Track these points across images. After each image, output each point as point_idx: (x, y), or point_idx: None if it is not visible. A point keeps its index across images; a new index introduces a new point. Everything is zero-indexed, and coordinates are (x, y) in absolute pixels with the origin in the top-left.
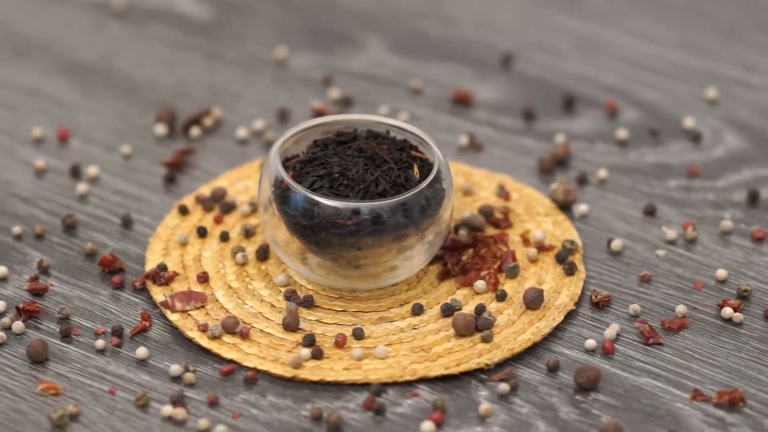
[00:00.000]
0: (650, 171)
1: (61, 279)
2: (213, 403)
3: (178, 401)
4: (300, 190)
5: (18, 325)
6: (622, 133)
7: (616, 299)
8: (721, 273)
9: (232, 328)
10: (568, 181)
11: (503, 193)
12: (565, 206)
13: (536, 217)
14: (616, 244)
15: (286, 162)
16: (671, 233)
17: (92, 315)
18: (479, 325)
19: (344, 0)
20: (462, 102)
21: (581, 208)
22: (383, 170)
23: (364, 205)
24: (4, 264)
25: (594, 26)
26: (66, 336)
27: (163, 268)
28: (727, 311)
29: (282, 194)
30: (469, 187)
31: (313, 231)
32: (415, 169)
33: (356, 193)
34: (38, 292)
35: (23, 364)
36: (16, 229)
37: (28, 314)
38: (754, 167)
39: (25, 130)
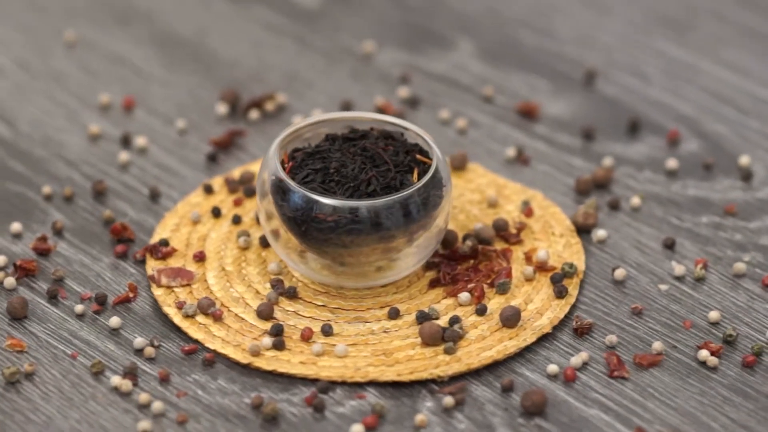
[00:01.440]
0: (687, 204)
1: (71, 242)
2: (164, 380)
3: (129, 373)
4: (286, 180)
5: (9, 281)
6: (672, 163)
7: (600, 328)
8: (714, 315)
9: (206, 309)
10: (594, 205)
11: (526, 210)
12: (584, 229)
13: (550, 237)
14: (619, 273)
15: (295, 152)
16: (679, 269)
17: (86, 280)
18: (446, 336)
19: (453, 1)
20: (527, 114)
21: (599, 233)
22: (380, 171)
23: (343, 203)
24: (23, 221)
25: (688, 53)
26: (53, 297)
27: (163, 243)
28: (703, 354)
29: (277, 184)
30: (496, 199)
31: (297, 223)
32: (415, 174)
33: (345, 190)
34: (42, 252)
35: (1, 319)
36: (46, 189)
37: (24, 272)
38: None
39: (95, 96)
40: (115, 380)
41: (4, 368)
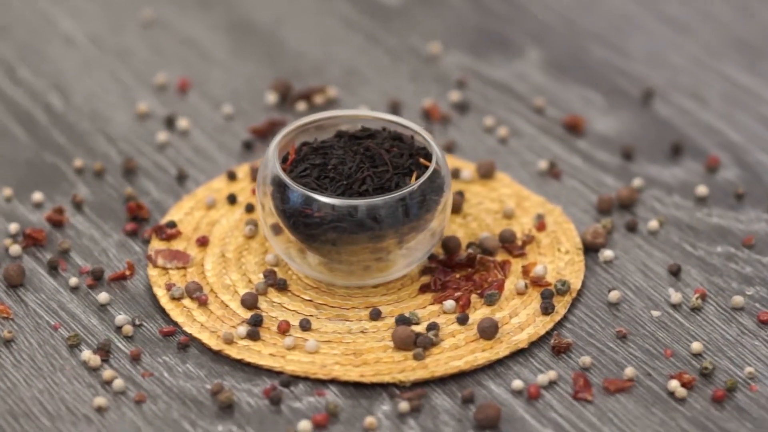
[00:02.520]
0: (706, 232)
1: (87, 216)
2: (134, 359)
3: (101, 349)
4: (279, 173)
5: (15, 249)
6: (701, 190)
7: (580, 348)
8: (696, 346)
9: (192, 293)
10: (609, 224)
11: (539, 223)
12: (592, 248)
13: (555, 253)
14: (614, 295)
15: (303, 146)
16: (676, 297)
17: (90, 255)
18: (418, 342)
19: (535, 9)
20: (572, 128)
21: (606, 253)
22: (377, 171)
23: (329, 200)
24: (47, 191)
25: (753, 80)
26: (53, 268)
27: (171, 224)
28: (673, 384)
29: (274, 175)
30: (512, 210)
31: (287, 216)
32: (413, 178)
33: (337, 187)
34: (55, 223)
35: (1, 285)
36: (78, 163)
37: (32, 241)
38: None
39: (154, 75)
40: (86, 354)
41: None
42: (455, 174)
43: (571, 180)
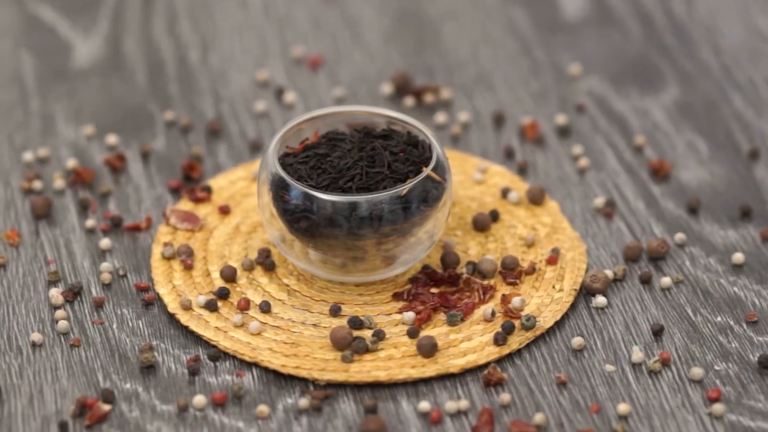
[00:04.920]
0: (716, 300)
1: (146, 166)
2: (96, 305)
3: (70, 290)
4: (272, 157)
5: (58, 183)
6: (738, 257)
7: (513, 385)
8: (623, 408)
9: (181, 255)
10: (617, 272)
11: (550, 257)
12: (589, 291)
13: (549, 289)
14: (576, 341)
15: (323, 136)
16: (638, 356)
17: (124, 202)
18: (353, 345)
19: (701, 48)
20: (656, 172)
21: (599, 299)
22: (372, 171)
23: (301, 190)
24: (124, 136)
25: None
26: (84, 208)
27: (206, 188)
28: None
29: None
30: (533, 240)
31: (274, 198)
32: (406, 186)
33: (323, 179)
34: (112, 167)
35: (27, 213)
36: (169, 115)
37: (79, 178)
38: None
39: (295, 47)
40: (52, 292)
41: None
42: (503, 193)
43: (621, 222)
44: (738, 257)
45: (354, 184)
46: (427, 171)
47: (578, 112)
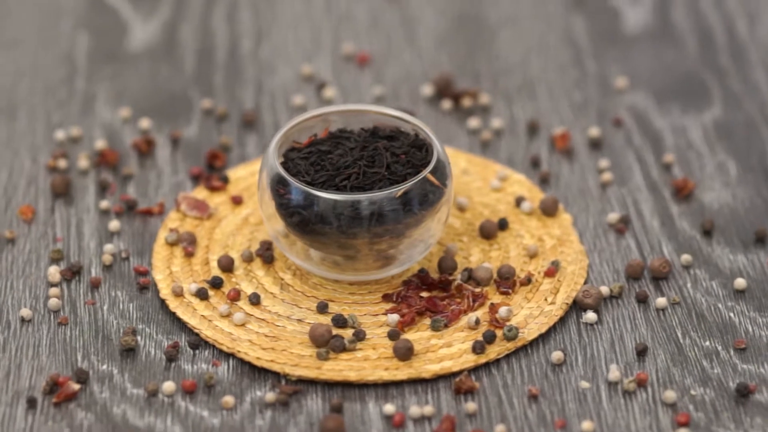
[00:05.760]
0: (708, 325)
1: (174, 152)
2: (93, 285)
3: (69, 269)
4: (272, 150)
5: (83, 164)
6: (740, 283)
7: (483, 395)
8: (587, 426)
9: (183, 242)
10: (613, 289)
11: (549, 269)
12: (580, 306)
13: (540, 301)
14: (556, 355)
15: (333, 132)
16: (615, 375)
17: (143, 186)
18: (330, 343)
19: (753, 70)
20: (678, 191)
21: (589, 315)
22: (369, 172)
23: (294, 185)
24: (158, 121)
25: None
26: (103, 189)
27: (223, 178)
28: None
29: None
30: (536, 250)
31: (272, 192)
32: (400, 190)
33: (319, 176)
34: (140, 150)
35: (46, 191)
36: (206, 103)
37: (103, 159)
38: None
39: (347, 43)
40: (51, 270)
41: None
42: (517, 202)
43: (631, 239)
44: (740, 283)
45: (349, 183)
46: (423, 174)
47: (615, 126)
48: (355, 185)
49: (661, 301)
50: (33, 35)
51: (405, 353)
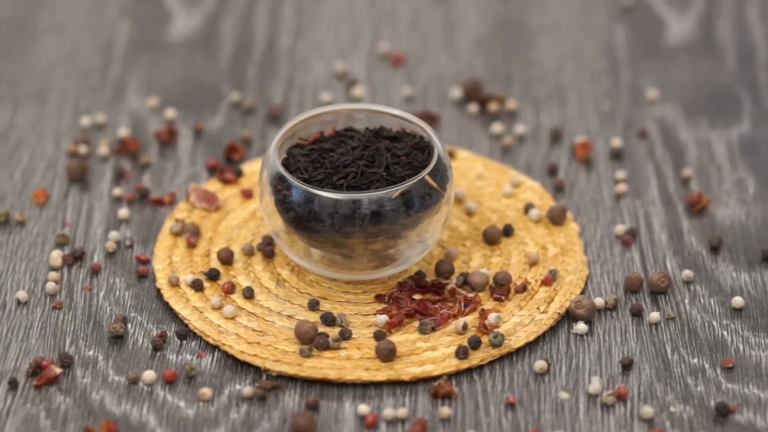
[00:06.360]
0: (701, 342)
1: (196, 143)
2: (93, 272)
3: (71, 255)
4: (272, 148)
5: (103, 150)
6: (737, 301)
7: (461, 400)
8: None
9: (187, 232)
10: (608, 301)
11: (546, 278)
12: (572, 317)
13: (532, 309)
14: (539, 365)
15: (339, 131)
16: (595, 387)
17: (160, 176)
18: (314, 341)
19: None
20: (692, 206)
21: (579, 326)
22: (368, 172)
23: (291, 181)
24: (183, 112)
25: None
26: (119, 177)
27: (237, 172)
28: None
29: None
30: (537, 258)
31: (270, 186)
32: (397, 191)
33: (318, 174)
34: (161, 140)
35: (63, 175)
36: (234, 96)
37: (124, 147)
38: None
39: (384, 42)
40: (53, 254)
41: (1, 208)
42: (526, 209)
43: (637, 252)
44: (737, 301)
45: (346, 182)
46: (420, 176)
47: (640, 137)
48: (352, 184)
49: (655, 315)
50: (78, 21)
51: (387, 354)
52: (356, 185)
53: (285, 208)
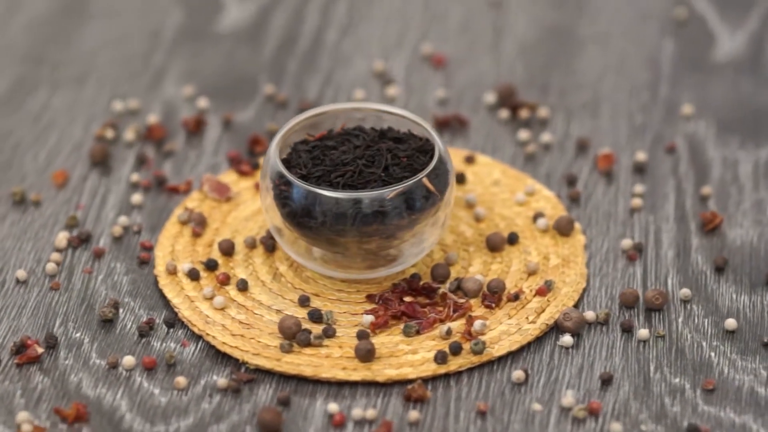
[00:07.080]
0: (687, 363)
1: (224, 134)
2: (96, 255)
3: (77, 237)
4: (273, 144)
5: (129, 135)
6: (731, 323)
7: (435, 405)
8: None
9: (194, 221)
10: (599, 315)
11: (541, 288)
12: (560, 329)
13: (520, 318)
14: (517, 374)
15: (347, 129)
16: (569, 401)
17: (181, 165)
18: (297, 337)
19: None
20: (706, 224)
21: (565, 339)
22: (366, 171)
23: (288, 177)
24: (217, 103)
25: None
26: (141, 162)
27: (255, 165)
28: None
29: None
30: (536, 268)
31: (271, 180)
32: (392, 192)
33: (316, 171)
34: (190, 129)
35: (86, 159)
36: (269, 89)
37: (150, 134)
38: None
39: (426, 43)
40: (59, 236)
41: (15, 188)
42: (535, 218)
43: (639, 268)
44: (730, 323)
45: (343, 180)
46: (416, 178)
47: (667, 152)
48: (349, 183)
49: (643, 332)
50: (133, 7)
51: (365, 355)
52: (353, 184)
53: (282, 202)
